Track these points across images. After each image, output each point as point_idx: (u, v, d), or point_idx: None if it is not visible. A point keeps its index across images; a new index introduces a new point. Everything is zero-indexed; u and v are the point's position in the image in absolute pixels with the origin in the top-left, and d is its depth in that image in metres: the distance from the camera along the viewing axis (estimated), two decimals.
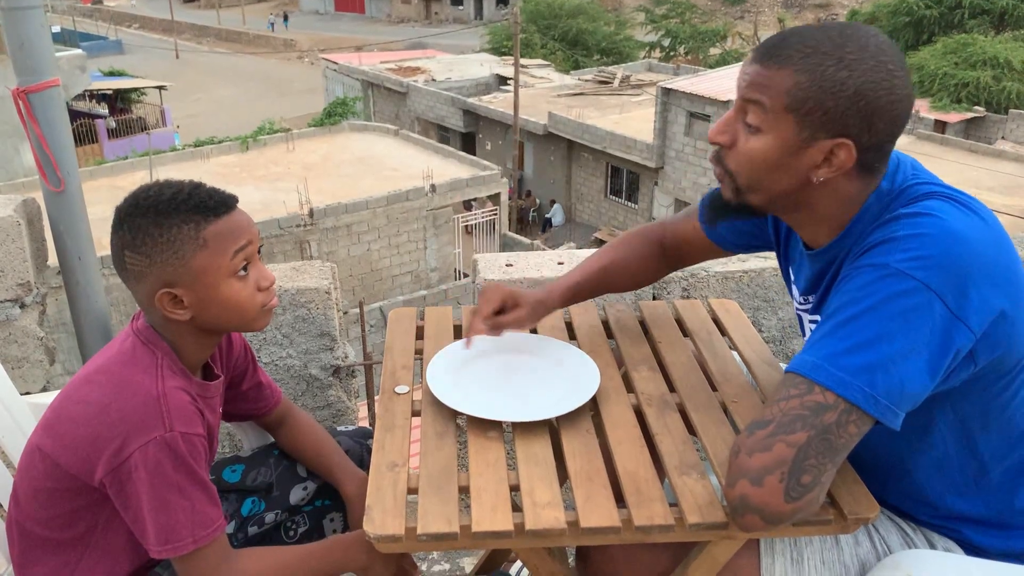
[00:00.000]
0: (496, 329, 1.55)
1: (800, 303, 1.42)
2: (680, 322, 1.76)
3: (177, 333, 1.32)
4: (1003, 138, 21.13)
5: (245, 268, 1.30)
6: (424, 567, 2.44)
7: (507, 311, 1.56)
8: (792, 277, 1.46)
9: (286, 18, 55.23)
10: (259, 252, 1.35)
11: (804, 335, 1.44)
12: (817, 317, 1.33)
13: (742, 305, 1.83)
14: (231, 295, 1.29)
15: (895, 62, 1.17)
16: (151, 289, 1.27)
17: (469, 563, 2.42)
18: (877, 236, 1.18)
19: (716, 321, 1.77)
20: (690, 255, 1.70)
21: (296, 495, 1.61)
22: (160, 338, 1.32)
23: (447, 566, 2.43)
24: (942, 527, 1.33)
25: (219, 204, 1.28)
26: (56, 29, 30.71)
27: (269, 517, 1.58)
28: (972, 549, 1.32)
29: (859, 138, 1.17)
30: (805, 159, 1.19)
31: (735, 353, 1.65)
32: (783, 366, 1.60)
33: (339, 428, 1.73)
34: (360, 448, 1.67)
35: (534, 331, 1.73)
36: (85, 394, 1.27)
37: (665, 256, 1.70)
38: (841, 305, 1.14)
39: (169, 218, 1.25)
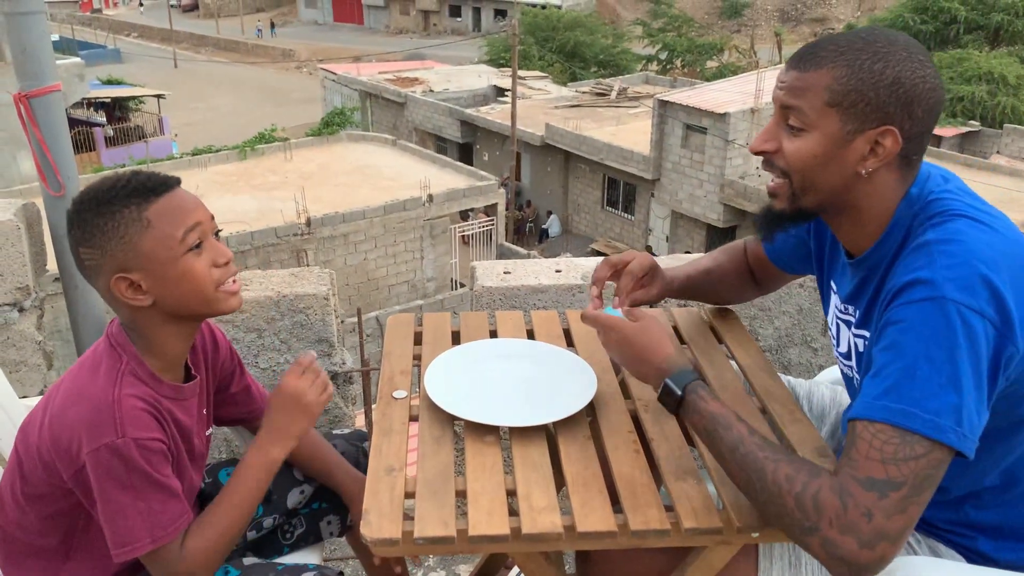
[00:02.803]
0: (632, 304, 1.56)
1: (841, 311, 1.43)
2: (677, 330, 1.77)
3: (147, 325, 1.32)
4: (998, 152, 21.25)
5: (199, 246, 1.30)
6: (419, 575, 2.44)
7: (645, 284, 1.60)
8: (834, 287, 1.48)
9: (273, 26, 55.90)
10: (216, 235, 1.34)
11: (838, 344, 1.46)
12: (864, 332, 1.34)
13: (739, 314, 1.84)
14: (185, 271, 1.28)
15: (924, 54, 1.22)
16: (107, 279, 1.27)
17: (465, 570, 2.42)
18: (915, 262, 1.18)
19: (713, 329, 1.78)
20: (764, 276, 1.73)
21: (293, 499, 1.61)
22: (129, 340, 1.32)
23: (443, 573, 2.43)
24: (957, 534, 1.33)
25: (159, 185, 1.29)
26: (55, 37, 30.74)
27: (267, 522, 1.58)
28: (982, 559, 1.31)
29: (902, 125, 1.20)
30: (853, 151, 1.23)
31: (732, 361, 1.66)
32: (780, 374, 1.61)
33: (334, 431, 1.73)
34: (356, 451, 1.67)
35: (531, 336, 1.74)
36: (51, 398, 1.30)
37: (751, 273, 1.74)
38: (908, 344, 1.13)
39: (111, 205, 1.26)
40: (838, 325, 1.45)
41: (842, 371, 1.49)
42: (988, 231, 1.18)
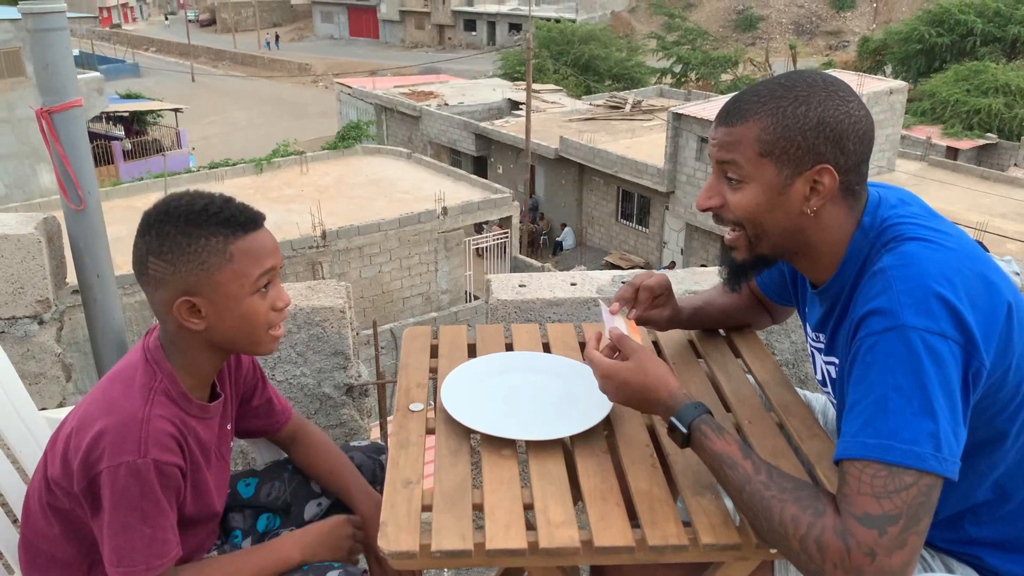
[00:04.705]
0: (641, 321, 1.60)
1: (813, 340, 1.47)
2: (693, 344, 1.77)
3: (188, 346, 1.33)
4: (1015, 165, 21.10)
5: (266, 287, 1.32)
6: None
7: (660, 304, 1.62)
8: (806, 315, 1.51)
9: (277, 39, 57.40)
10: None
11: (816, 372, 1.49)
12: (833, 359, 1.38)
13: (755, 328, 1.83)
14: (248, 311, 1.30)
15: (844, 90, 1.25)
16: (171, 296, 1.28)
17: None
18: (871, 289, 1.19)
19: (730, 343, 1.77)
20: (770, 306, 1.75)
21: (310, 511, 1.61)
22: (166, 357, 1.33)
23: None
24: (961, 553, 1.33)
25: (248, 220, 1.30)
26: (75, 52, 31.12)
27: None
28: (993, 574, 1.31)
29: (836, 161, 1.23)
30: (794, 194, 1.26)
31: (749, 375, 1.65)
32: (797, 389, 1.61)
33: (352, 443, 1.74)
34: (373, 463, 1.67)
35: (547, 349, 1.74)
36: (83, 408, 1.30)
37: (762, 304, 1.76)
38: (876, 377, 1.13)
39: (198, 228, 1.26)
40: (812, 353, 1.48)
41: (825, 396, 1.52)
42: (941, 250, 1.19)
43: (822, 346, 1.42)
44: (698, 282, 2.28)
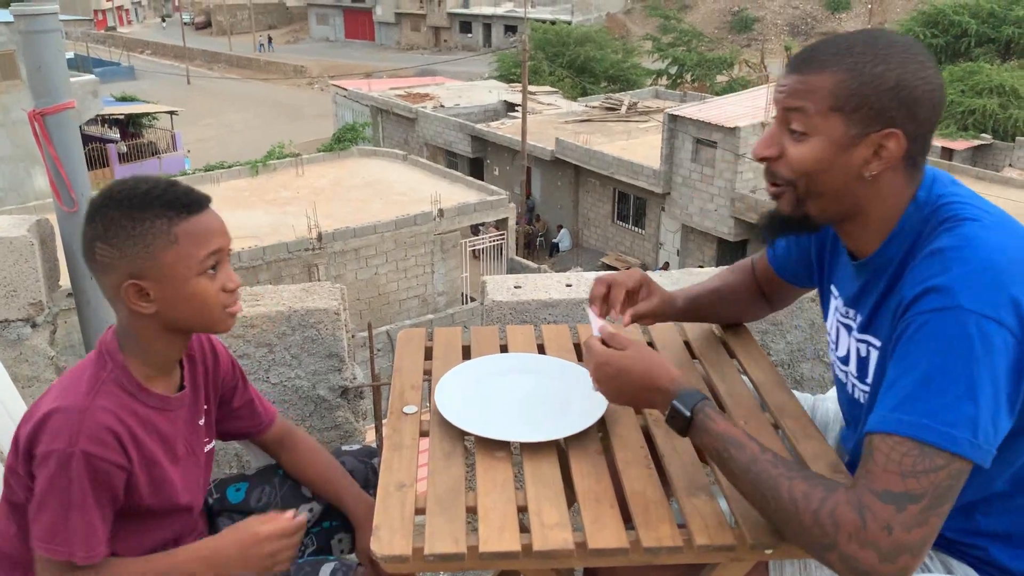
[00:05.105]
0: (634, 318, 1.57)
1: (841, 315, 1.41)
2: (689, 344, 1.76)
3: (142, 332, 1.32)
4: (1010, 165, 21.16)
5: (214, 268, 1.31)
6: None
7: (643, 297, 1.59)
8: (834, 291, 1.46)
9: (270, 41, 57.55)
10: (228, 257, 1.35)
11: (836, 347, 1.44)
12: (868, 337, 1.32)
13: (750, 328, 1.83)
14: (197, 292, 1.29)
15: (924, 54, 1.21)
16: (118, 281, 1.27)
17: None
18: (928, 269, 1.16)
19: (725, 344, 1.77)
20: (773, 291, 1.72)
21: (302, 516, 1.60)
22: (119, 347, 1.33)
23: None
24: (968, 544, 1.30)
25: (193, 202, 1.29)
26: (70, 55, 31.10)
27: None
28: (997, 569, 1.29)
29: (905, 127, 1.19)
30: (856, 155, 1.21)
31: (744, 376, 1.65)
32: (792, 389, 1.60)
33: (344, 448, 1.73)
34: (365, 468, 1.66)
35: (542, 351, 1.74)
36: (39, 398, 1.31)
37: (761, 290, 1.72)
38: (922, 355, 1.11)
39: (142, 211, 1.26)
40: (838, 329, 1.43)
41: (836, 376, 1.47)
42: (1002, 235, 1.17)
43: (853, 323, 1.37)
44: (693, 283, 2.27)
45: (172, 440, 1.38)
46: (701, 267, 15.93)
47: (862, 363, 1.35)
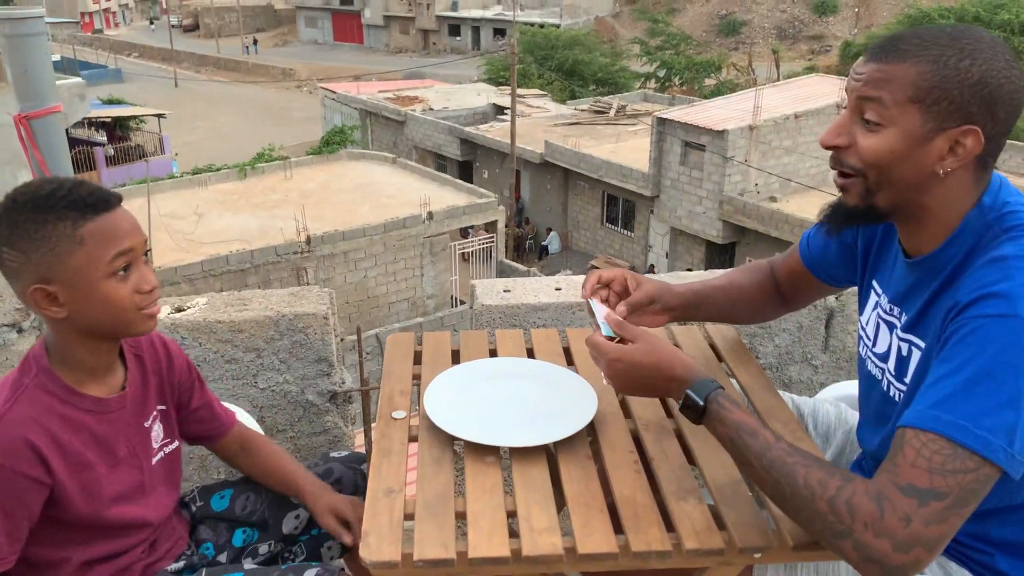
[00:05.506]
0: (634, 314, 1.51)
1: (885, 312, 1.39)
2: (677, 347, 1.76)
3: (61, 337, 1.30)
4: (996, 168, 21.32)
5: (126, 269, 1.28)
6: None
7: (631, 292, 1.54)
8: (877, 287, 1.44)
9: (255, 43, 57.51)
10: (145, 256, 1.32)
11: (874, 343, 1.41)
12: (911, 337, 1.30)
13: (739, 331, 1.84)
14: (107, 295, 1.26)
15: (1010, 54, 1.18)
16: (26, 286, 1.24)
17: None
18: (989, 275, 1.15)
19: (713, 347, 1.77)
20: (797, 291, 1.68)
21: (289, 524, 1.59)
22: (45, 352, 1.31)
23: None
24: (974, 549, 1.30)
25: (99, 202, 1.25)
26: (56, 58, 30.93)
27: (263, 548, 1.55)
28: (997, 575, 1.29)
29: (984, 126, 1.16)
30: (932, 150, 1.18)
31: (732, 380, 1.65)
32: (782, 392, 1.61)
33: (332, 454, 1.71)
34: (353, 474, 1.65)
35: (531, 355, 1.74)
36: None
37: (778, 290, 1.69)
38: (972, 357, 1.10)
39: (46, 213, 1.23)
40: (878, 325, 1.40)
41: (868, 372, 1.44)
42: None
43: (897, 321, 1.34)
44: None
45: (111, 442, 1.36)
46: (689, 270, 15.98)
47: (902, 362, 1.33)
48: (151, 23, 68.53)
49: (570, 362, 1.72)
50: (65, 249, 1.23)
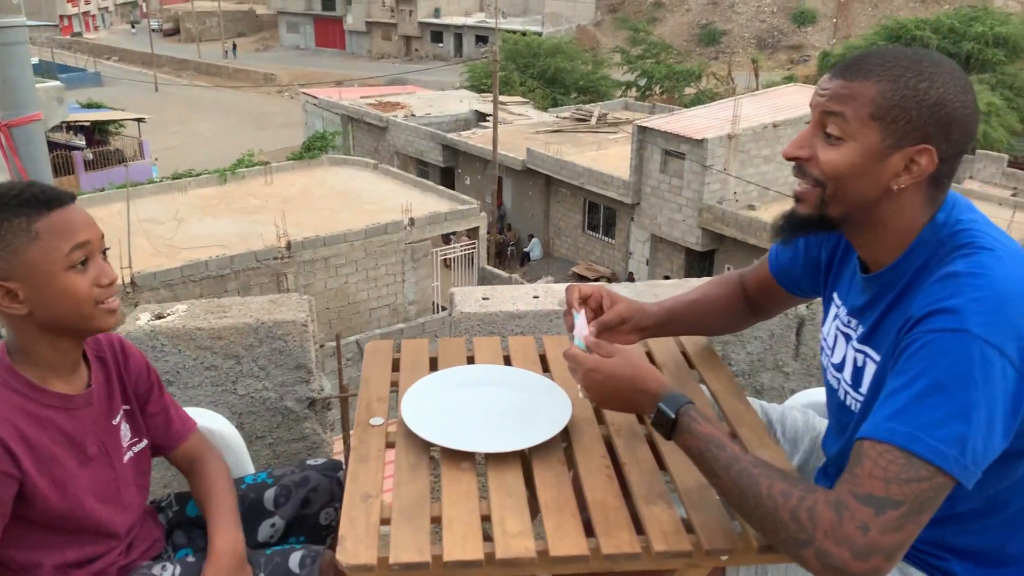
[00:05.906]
0: (606, 332, 1.56)
1: (843, 324, 1.43)
2: (650, 355, 1.80)
3: (23, 333, 1.32)
4: (970, 177, 21.62)
5: (84, 263, 1.30)
6: None
7: (606, 307, 1.58)
8: (837, 300, 1.48)
9: (234, 48, 57.39)
10: (104, 253, 1.34)
11: (832, 354, 1.46)
12: (866, 349, 1.35)
13: (711, 338, 1.87)
14: (66, 287, 1.28)
15: (966, 80, 1.24)
16: None
17: None
18: (941, 291, 1.18)
19: (685, 354, 1.81)
20: (767, 302, 1.73)
21: (264, 532, 1.59)
22: (6, 350, 1.32)
23: None
24: (931, 555, 1.33)
25: (53, 199, 1.29)
26: (34, 60, 30.56)
27: None
28: None
29: (939, 146, 1.21)
30: (889, 166, 1.23)
31: (704, 386, 1.69)
32: (751, 399, 1.64)
33: (308, 462, 1.70)
34: (330, 482, 1.65)
35: (508, 362, 1.77)
36: None
37: (747, 300, 1.73)
38: (924, 370, 1.14)
39: (1, 212, 1.26)
40: (836, 336, 1.45)
41: (828, 382, 1.50)
42: (1015, 267, 1.18)
43: (854, 333, 1.39)
44: (656, 295, 2.31)
45: (79, 439, 1.37)
46: (667, 278, 16.08)
47: (857, 372, 1.38)
48: (132, 27, 68.07)
49: (546, 369, 1.75)
50: (21, 244, 1.25)
